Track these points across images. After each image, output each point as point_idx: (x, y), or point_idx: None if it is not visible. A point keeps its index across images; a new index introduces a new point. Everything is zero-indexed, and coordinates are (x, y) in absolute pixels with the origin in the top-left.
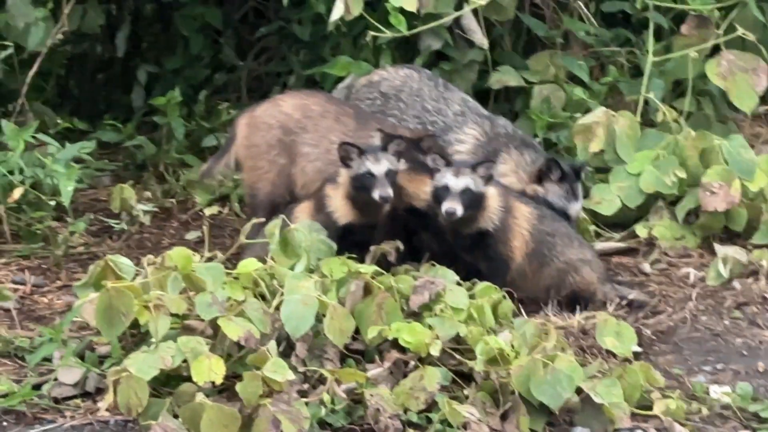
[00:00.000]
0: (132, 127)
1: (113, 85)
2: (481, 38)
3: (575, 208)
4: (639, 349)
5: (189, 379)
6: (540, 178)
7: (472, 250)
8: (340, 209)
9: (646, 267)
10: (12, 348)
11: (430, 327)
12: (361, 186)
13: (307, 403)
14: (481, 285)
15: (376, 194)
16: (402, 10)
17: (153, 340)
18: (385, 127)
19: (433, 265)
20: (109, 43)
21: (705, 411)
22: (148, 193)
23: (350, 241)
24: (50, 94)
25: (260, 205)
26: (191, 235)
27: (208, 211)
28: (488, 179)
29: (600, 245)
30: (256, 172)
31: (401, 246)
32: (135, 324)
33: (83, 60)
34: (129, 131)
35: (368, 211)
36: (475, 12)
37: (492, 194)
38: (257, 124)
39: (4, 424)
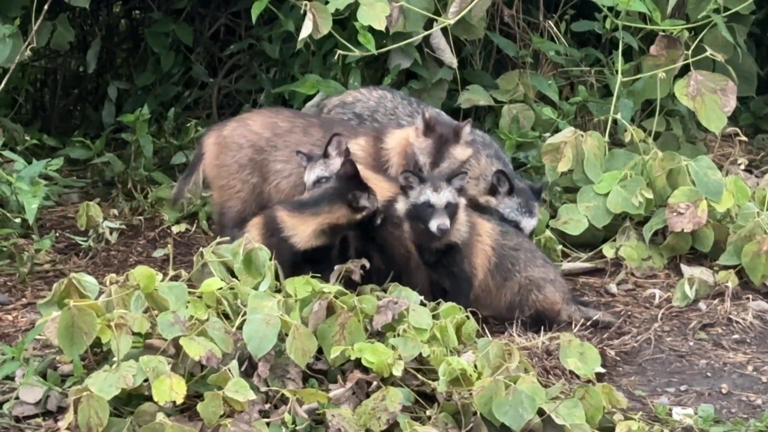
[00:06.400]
0: (101, 143)
1: (86, 102)
2: (450, 57)
3: (530, 224)
4: (603, 370)
5: (150, 398)
6: (493, 190)
7: (437, 266)
8: (301, 234)
9: (613, 287)
10: None
11: (392, 347)
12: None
13: (268, 424)
14: (445, 305)
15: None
16: (371, 29)
17: (115, 359)
18: (347, 129)
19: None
20: (82, 60)
21: None
22: (115, 211)
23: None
24: (23, 110)
25: (230, 222)
26: (158, 253)
27: (175, 229)
28: (460, 190)
29: (567, 265)
30: (227, 191)
31: (367, 264)
32: (98, 343)
33: (56, 76)
34: (98, 148)
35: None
36: (444, 31)
37: (462, 205)
38: (227, 144)
39: None
